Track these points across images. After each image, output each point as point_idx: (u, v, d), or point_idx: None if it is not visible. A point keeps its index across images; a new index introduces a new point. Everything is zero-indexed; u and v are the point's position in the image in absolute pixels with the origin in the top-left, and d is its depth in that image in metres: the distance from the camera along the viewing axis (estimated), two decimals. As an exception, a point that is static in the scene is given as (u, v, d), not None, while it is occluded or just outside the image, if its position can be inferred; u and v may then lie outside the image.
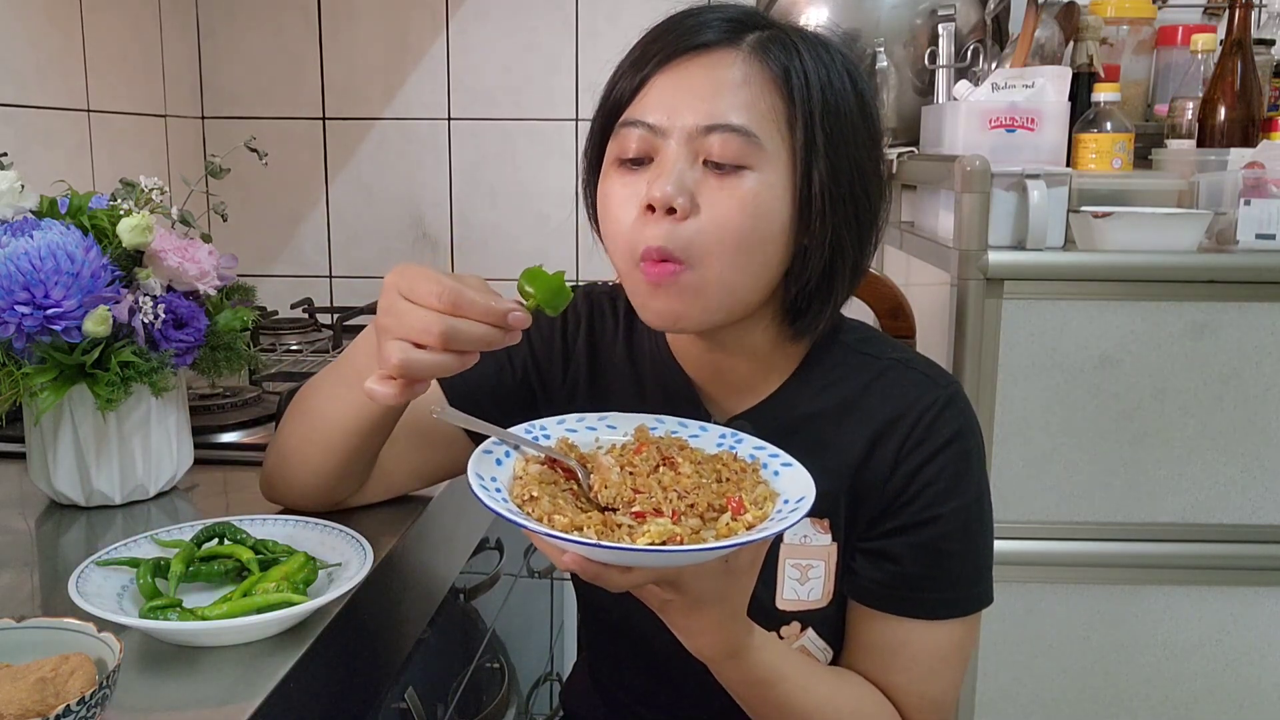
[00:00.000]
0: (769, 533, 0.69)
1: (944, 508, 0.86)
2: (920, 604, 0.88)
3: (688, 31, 0.81)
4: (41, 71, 1.55)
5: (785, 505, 0.73)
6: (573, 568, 0.67)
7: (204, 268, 1.02)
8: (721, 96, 0.79)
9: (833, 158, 0.80)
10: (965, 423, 0.88)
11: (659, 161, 0.80)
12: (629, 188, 0.81)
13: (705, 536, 0.71)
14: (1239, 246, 1.39)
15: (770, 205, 0.80)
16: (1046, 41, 1.69)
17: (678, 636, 0.78)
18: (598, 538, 0.68)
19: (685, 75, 0.80)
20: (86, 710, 0.61)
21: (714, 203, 0.79)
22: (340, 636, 0.81)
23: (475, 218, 2.07)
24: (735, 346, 0.89)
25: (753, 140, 0.78)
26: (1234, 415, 1.41)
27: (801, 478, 0.76)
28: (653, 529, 0.68)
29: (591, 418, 0.85)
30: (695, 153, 0.79)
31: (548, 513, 0.70)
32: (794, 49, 0.81)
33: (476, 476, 0.73)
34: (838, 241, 0.83)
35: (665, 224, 0.78)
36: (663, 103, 0.80)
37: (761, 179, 0.79)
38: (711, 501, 0.73)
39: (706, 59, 0.80)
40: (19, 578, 0.89)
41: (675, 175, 0.78)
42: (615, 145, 0.83)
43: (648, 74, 0.82)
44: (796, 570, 0.90)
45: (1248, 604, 1.46)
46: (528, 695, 1.63)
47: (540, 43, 2.00)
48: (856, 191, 0.82)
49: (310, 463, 0.93)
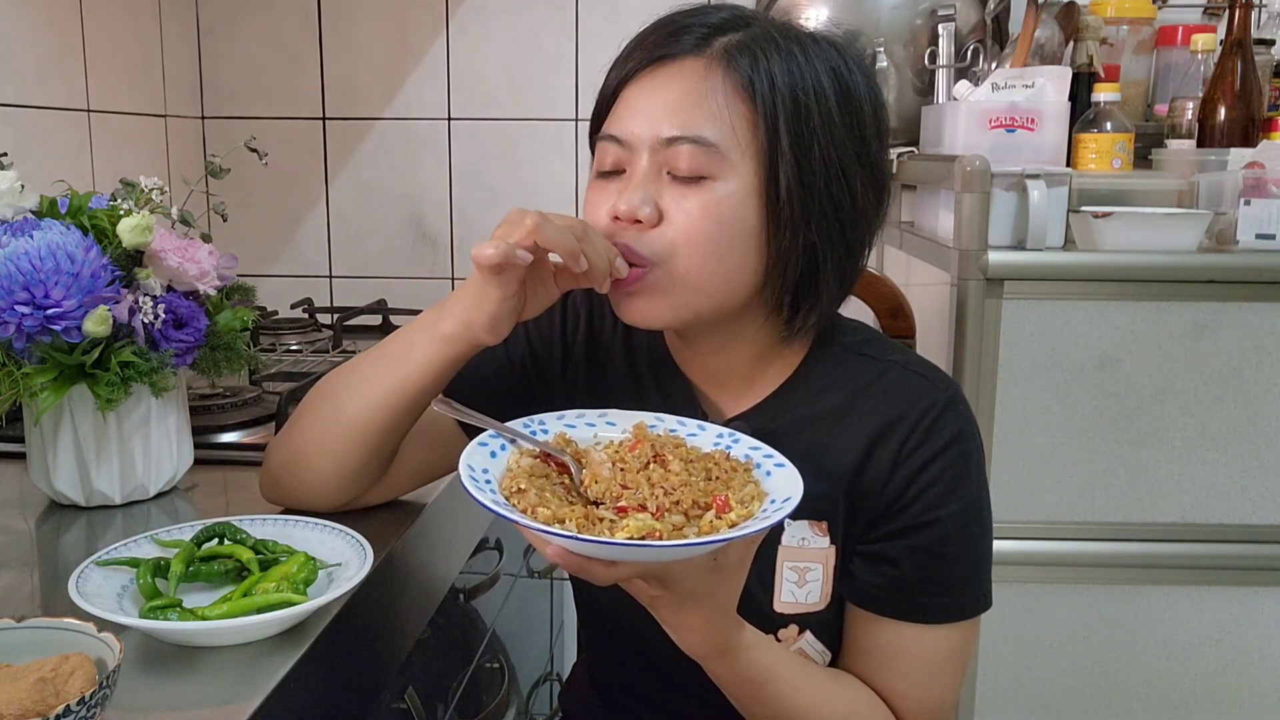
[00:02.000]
0: (750, 530, 0.69)
1: (943, 511, 0.86)
2: (919, 608, 0.87)
3: (662, 40, 0.83)
4: (41, 71, 1.55)
5: (771, 505, 0.74)
6: (557, 560, 0.69)
7: (204, 268, 1.02)
8: (684, 108, 0.81)
9: (801, 161, 0.80)
10: (965, 425, 0.88)
11: (628, 175, 0.83)
12: (602, 197, 0.84)
13: (688, 533, 0.71)
14: (1239, 246, 1.39)
15: (735, 211, 0.81)
16: (1046, 41, 1.69)
17: (669, 633, 0.79)
18: (578, 531, 0.69)
19: (651, 87, 0.83)
20: (86, 710, 0.61)
21: (679, 211, 0.81)
22: (340, 636, 0.81)
23: (475, 218, 2.07)
24: (730, 347, 0.89)
25: (713, 151, 0.80)
26: (1234, 415, 1.41)
27: (791, 479, 0.76)
28: (631, 524, 0.69)
29: (591, 414, 0.85)
30: (660, 164, 0.82)
31: (533, 505, 0.71)
32: (763, 53, 0.81)
33: (467, 468, 0.74)
34: (813, 244, 0.83)
35: (631, 232, 0.82)
36: (631, 116, 0.83)
37: (725, 187, 0.80)
38: (697, 499, 0.74)
39: (672, 69, 0.82)
40: (19, 578, 0.89)
41: (640, 187, 0.81)
42: (596, 157, 0.86)
43: (620, 85, 0.85)
44: (794, 573, 0.90)
45: (1248, 604, 1.46)
46: (528, 695, 1.63)
47: (540, 43, 2.00)
48: (834, 192, 0.82)
49: (335, 455, 0.91)
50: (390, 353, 0.89)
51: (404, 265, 2.09)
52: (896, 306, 1.30)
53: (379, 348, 0.91)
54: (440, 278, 2.08)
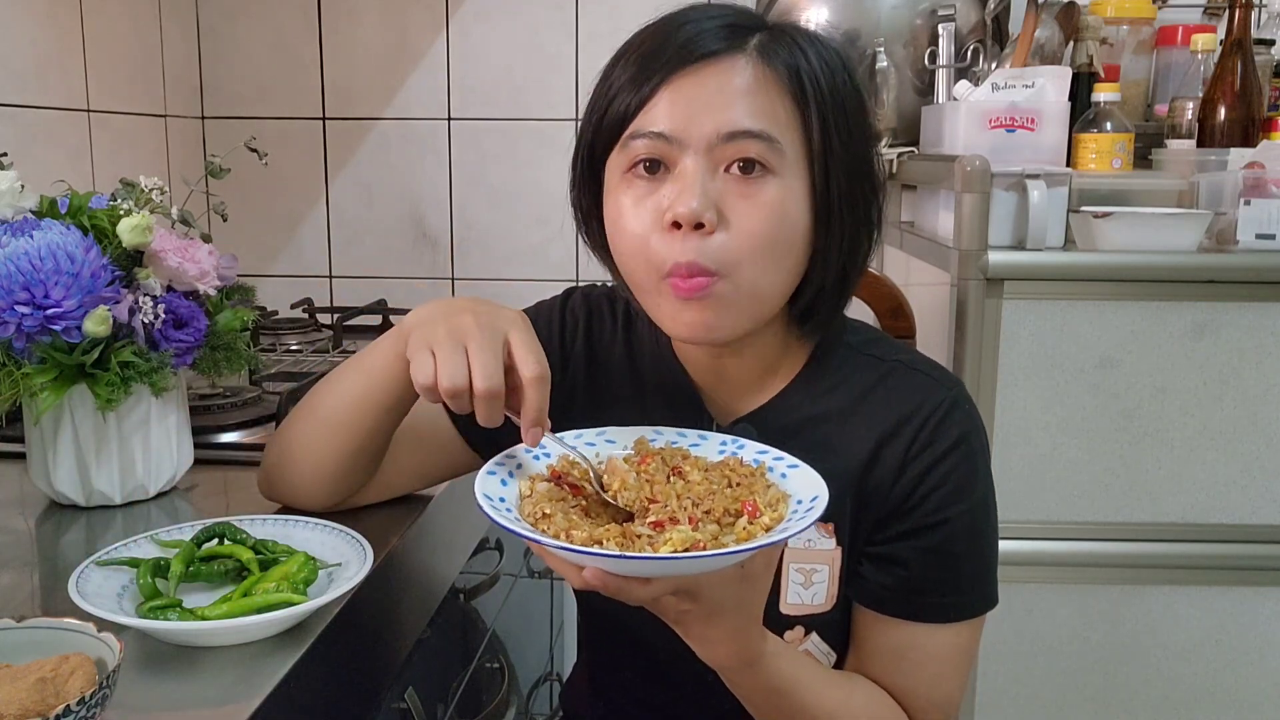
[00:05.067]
0: (791, 532, 0.68)
1: (952, 510, 0.86)
2: (928, 608, 0.87)
3: (688, 42, 0.79)
4: (41, 71, 1.55)
5: (799, 505, 0.73)
6: (593, 583, 0.66)
7: (204, 268, 1.02)
8: (736, 103, 0.77)
9: (846, 158, 0.80)
10: (971, 424, 0.88)
11: (678, 175, 0.78)
12: (643, 200, 0.79)
13: (726, 542, 0.70)
14: (1239, 246, 1.39)
15: (792, 210, 0.79)
16: (1046, 41, 1.69)
17: (694, 648, 0.77)
18: (619, 549, 0.67)
19: (695, 85, 0.78)
20: (86, 710, 0.61)
21: (740, 213, 0.78)
22: (340, 636, 0.81)
23: (475, 218, 2.07)
24: (743, 349, 0.88)
25: (774, 145, 0.78)
26: (1234, 415, 1.41)
27: (810, 477, 0.76)
28: (675, 537, 0.67)
29: (589, 434, 0.84)
30: (715, 163, 0.78)
31: (564, 529, 0.69)
32: (798, 48, 0.80)
33: (485, 497, 0.72)
34: (854, 241, 0.83)
35: (694, 239, 0.77)
36: (675, 114, 0.78)
37: (783, 184, 0.79)
38: (727, 507, 0.73)
39: (714, 67, 0.78)
40: (19, 578, 0.89)
41: (699, 189, 0.76)
42: (622, 158, 0.81)
43: (654, 87, 0.79)
44: (801, 574, 0.89)
45: (1248, 604, 1.45)
46: (528, 695, 1.63)
47: (540, 43, 2.00)
48: (866, 189, 0.83)
49: (315, 455, 0.93)
50: (363, 361, 0.90)
51: (404, 265, 2.09)
52: (896, 306, 1.30)
53: (357, 354, 0.92)
54: (440, 278, 2.08)
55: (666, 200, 0.78)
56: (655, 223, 0.79)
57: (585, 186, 0.87)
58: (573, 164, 0.87)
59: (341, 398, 0.91)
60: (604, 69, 0.84)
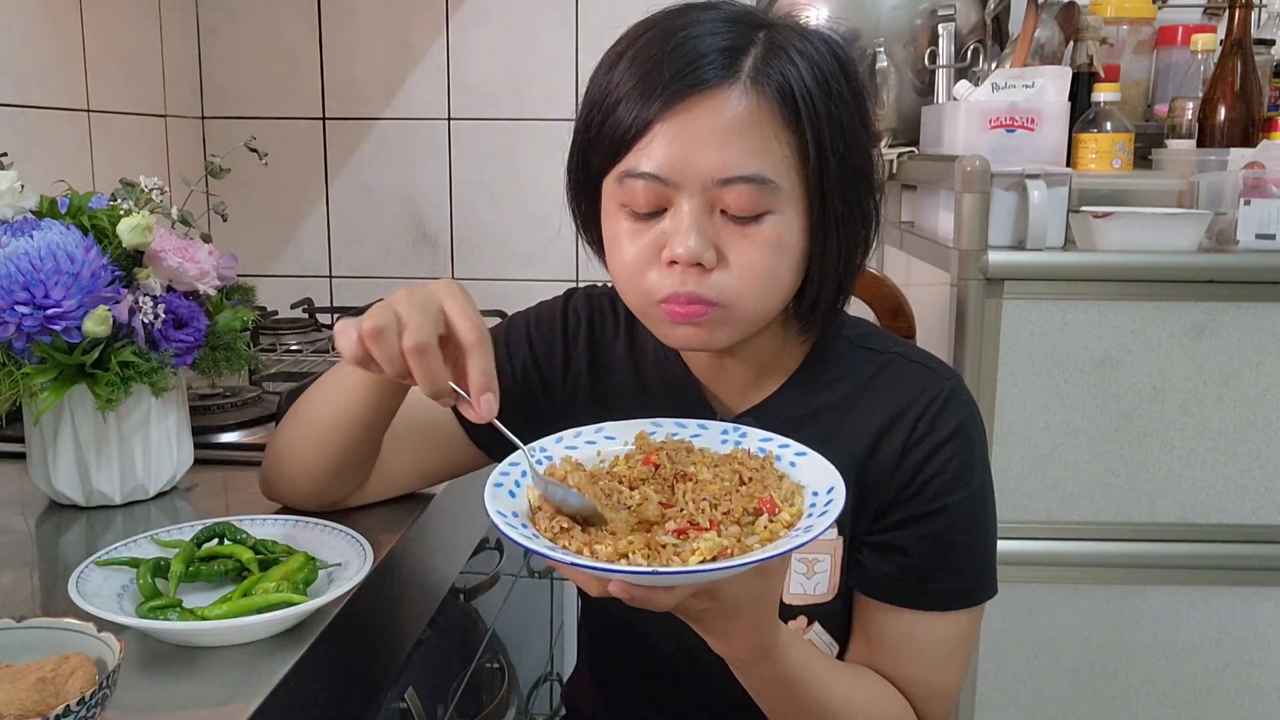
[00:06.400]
0: (817, 532, 0.67)
1: (951, 498, 0.86)
2: (928, 595, 0.88)
3: (685, 67, 0.77)
4: (41, 71, 1.55)
5: (815, 497, 0.72)
6: (619, 595, 0.66)
7: (204, 268, 1.02)
8: (732, 143, 0.76)
9: (843, 176, 0.80)
10: (969, 414, 0.88)
11: (674, 214, 0.78)
12: (640, 234, 0.80)
13: (750, 543, 0.69)
14: (1239, 246, 1.39)
15: (790, 238, 0.80)
16: (1046, 41, 1.69)
17: (710, 643, 0.77)
18: (647, 563, 0.66)
19: (690, 122, 0.77)
20: (86, 710, 0.61)
21: (739, 250, 0.78)
22: (340, 636, 0.81)
23: (475, 218, 2.07)
24: (743, 350, 0.89)
25: (770, 186, 0.77)
26: (1234, 415, 1.41)
27: (821, 465, 0.75)
28: (702, 546, 0.66)
29: (588, 431, 0.83)
30: (712, 203, 0.78)
31: (586, 543, 0.68)
32: (790, 61, 0.78)
33: (499, 514, 0.70)
34: (850, 251, 0.83)
35: (692, 275, 0.78)
36: (671, 154, 0.77)
37: (780, 219, 0.79)
38: (745, 506, 0.72)
39: (710, 101, 0.77)
40: (19, 578, 0.89)
41: (696, 231, 0.77)
42: (620, 192, 0.80)
43: (650, 117, 0.77)
44: (803, 565, 0.90)
45: (1248, 604, 1.46)
46: (528, 695, 1.63)
47: (540, 43, 2.00)
48: (863, 198, 0.83)
49: (303, 460, 0.94)
50: (339, 374, 0.91)
51: (404, 265, 2.09)
52: (896, 306, 1.30)
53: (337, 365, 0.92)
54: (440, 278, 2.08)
55: (664, 236, 0.79)
56: (653, 256, 0.80)
57: (582, 192, 0.87)
58: (568, 169, 0.87)
59: (320, 409, 0.92)
60: (603, 61, 0.83)
